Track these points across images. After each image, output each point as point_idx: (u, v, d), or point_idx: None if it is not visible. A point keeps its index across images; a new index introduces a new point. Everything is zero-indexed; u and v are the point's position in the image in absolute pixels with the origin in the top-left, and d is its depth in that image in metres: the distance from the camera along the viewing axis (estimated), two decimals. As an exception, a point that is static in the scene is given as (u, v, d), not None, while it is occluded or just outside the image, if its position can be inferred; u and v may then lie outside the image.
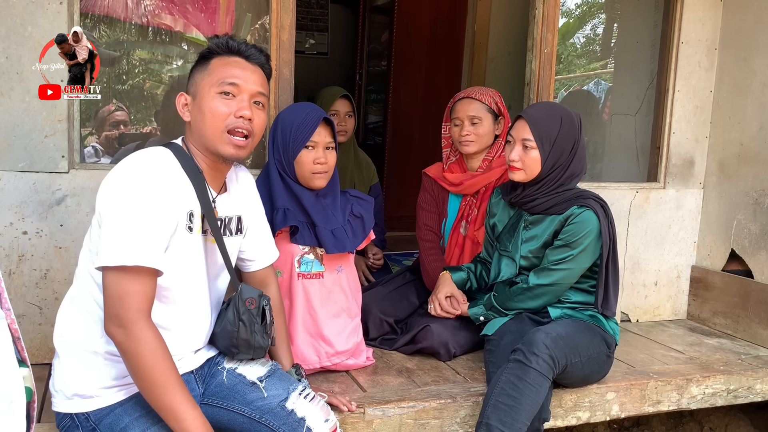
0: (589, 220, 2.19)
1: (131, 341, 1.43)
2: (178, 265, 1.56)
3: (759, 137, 2.96)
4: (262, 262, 1.88)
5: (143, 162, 1.53)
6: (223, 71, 1.61)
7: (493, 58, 4.85)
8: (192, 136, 1.65)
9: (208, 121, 1.60)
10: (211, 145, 1.62)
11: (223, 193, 1.73)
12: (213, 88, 1.60)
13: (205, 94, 1.61)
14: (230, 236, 1.75)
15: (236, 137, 1.61)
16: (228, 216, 1.74)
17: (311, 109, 2.15)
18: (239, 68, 1.63)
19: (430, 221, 2.74)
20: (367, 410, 1.99)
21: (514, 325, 2.27)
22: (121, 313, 1.43)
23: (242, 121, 1.61)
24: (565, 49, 4.16)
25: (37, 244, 2.24)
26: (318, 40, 6.24)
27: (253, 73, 1.65)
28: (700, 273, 3.22)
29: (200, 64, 1.66)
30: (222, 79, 1.60)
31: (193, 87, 1.64)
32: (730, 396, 2.55)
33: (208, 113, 1.60)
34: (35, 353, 2.27)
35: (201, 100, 1.61)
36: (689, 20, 3.11)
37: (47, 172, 2.23)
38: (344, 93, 3.13)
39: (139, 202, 1.46)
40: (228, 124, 1.60)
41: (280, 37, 2.48)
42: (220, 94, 1.60)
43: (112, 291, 1.44)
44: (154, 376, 1.44)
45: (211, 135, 1.60)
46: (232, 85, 1.61)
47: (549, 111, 2.26)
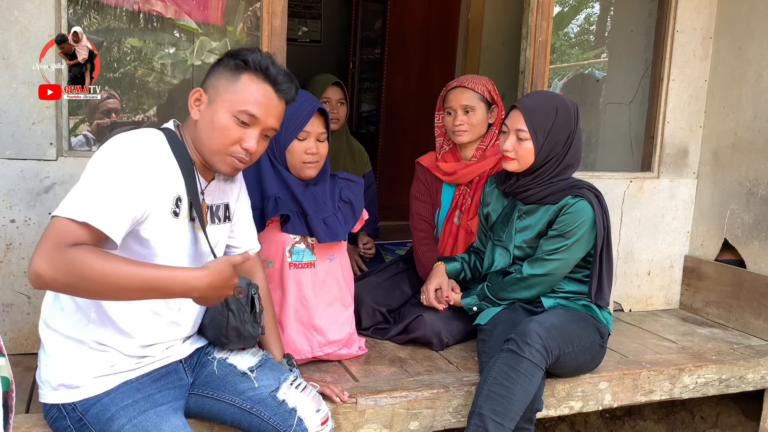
0: (584, 210, 2.17)
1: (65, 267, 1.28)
2: (164, 250, 1.54)
3: (753, 127, 2.95)
4: (247, 249, 1.86)
5: (133, 138, 1.50)
6: (248, 96, 1.55)
7: (487, 47, 4.83)
8: (193, 132, 1.61)
9: (216, 137, 1.56)
10: (209, 158, 1.59)
11: (211, 180, 1.70)
12: (233, 107, 1.55)
13: (222, 107, 1.56)
14: (218, 224, 1.72)
15: (236, 161, 1.59)
16: (216, 204, 1.72)
17: (305, 99, 2.12)
18: (266, 99, 1.57)
19: (424, 211, 2.72)
20: (360, 400, 1.99)
21: (507, 315, 2.26)
22: (48, 245, 1.29)
23: (245, 153, 1.58)
24: (558, 39, 4.14)
25: (26, 232, 2.21)
26: (311, 28, 6.19)
27: (276, 107, 1.60)
28: (693, 263, 3.23)
29: (229, 69, 1.58)
30: (244, 106, 1.55)
31: (213, 89, 1.58)
32: (722, 385, 2.55)
33: (218, 130, 1.56)
34: (24, 343, 2.25)
35: (216, 111, 1.56)
36: (684, 9, 3.10)
37: (35, 160, 2.20)
38: (336, 80, 3.11)
39: (115, 170, 1.41)
40: (232, 151, 1.57)
41: (272, 23, 2.45)
42: (236, 117, 1.56)
43: (48, 232, 1.31)
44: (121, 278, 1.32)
45: (213, 149, 1.58)
46: (252, 116, 1.56)
47: (544, 101, 2.24)
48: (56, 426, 1.57)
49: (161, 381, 1.62)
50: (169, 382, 1.64)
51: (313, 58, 6.06)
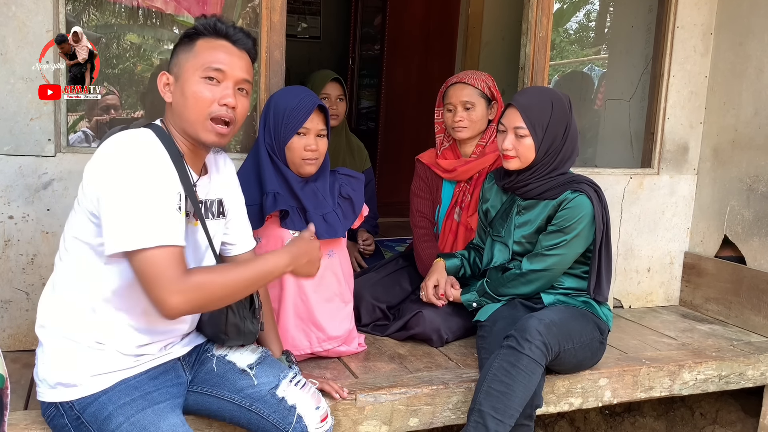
0: (583, 205, 2.17)
1: (195, 293, 1.42)
2: None
3: (753, 123, 2.95)
4: (243, 246, 1.84)
5: (134, 142, 1.48)
6: (208, 55, 1.56)
7: (487, 43, 4.82)
8: (172, 118, 1.60)
9: (191, 105, 1.55)
10: (192, 131, 1.57)
11: (203, 175, 1.69)
12: (197, 71, 1.55)
13: (189, 77, 1.55)
14: (213, 219, 1.71)
15: (218, 125, 1.57)
16: (209, 199, 1.71)
17: (305, 95, 2.11)
18: (226, 53, 1.58)
19: (424, 208, 2.72)
20: (359, 397, 1.98)
21: (506, 311, 2.26)
22: (163, 281, 1.40)
23: (225, 110, 1.56)
24: (558, 35, 4.14)
25: (24, 228, 2.21)
26: (310, 24, 6.18)
27: (239, 59, 1.60)
28: (693, 259, 3.22)
29: (184, 44, 1.60)
30: (207, 64, 1.55)
31: (176, 67, 1.59)
32: (722, 382, 2.55)
33: (191, 98, 1.55)
34: (22, 340, 2.24)
35: (184, 83, 1.56)
36: (685, 4, 3.09)
37: (33, 156, 2.19)
38: (335, 76, 3.10)
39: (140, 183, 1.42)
40: (211, 112, 1.56)
41: (271, 19, 2.44)
42: (205, 78, 1.55)
43: (146, 270, 1.40)
44: (237, 283, 1.51)
45: (194, 120, 1.56)
46: (218, 71, 1.55)
47: (539, 96, 2.23)
48: (54, 424, 1.56)
49: (159, 379, 1.61)
50: (167, 380, 1.63)
51: (312, 54, 6.06)
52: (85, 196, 1.48)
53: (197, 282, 1.43)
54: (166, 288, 1.39)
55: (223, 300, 1.53)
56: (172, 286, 1.39)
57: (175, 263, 1.41)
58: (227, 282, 1.49)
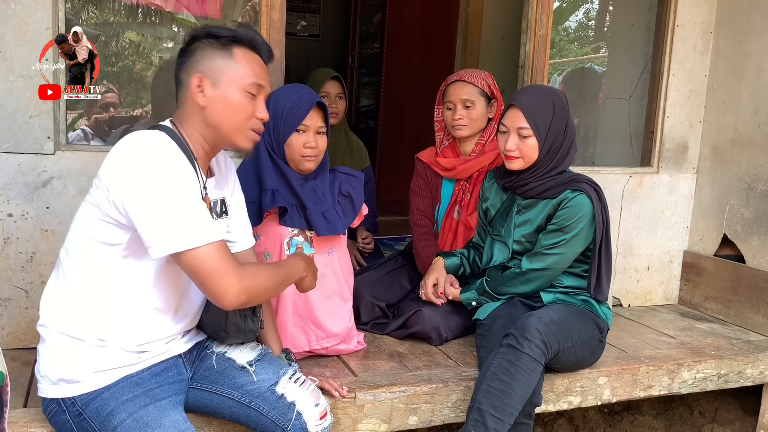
0: (583, 204, 2.17)
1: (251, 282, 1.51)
2: None
3: (753, 122, 2.95)
4: (243, 244, 1.84)
5: (158, 144, 1.48)
6: (250, 68, 1.59)
7: (486, 41, 4.81)
8: (194, 120, 1.59)
9: (234, 115, 1.58)
10: (227, 136, 1.60)
11: (209, 177, 1.70)
12: (239, 82, 1.57)
13: (230, 85, 1.57)
14: (216, 219, 1.72)
15: (254, 133, 1.63)
16: (214, 199, 1.71)
17: (304, 92, 2.11)
18: (261, 68, 1.63)
19: (424, 206, 2.72)
20: (358, 395, 1.98)
21: (506, 310, 2.26)
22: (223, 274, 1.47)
23: (260, 123, 1.63)
24: (558, 34, 4.13)
25: (23, 226, 2.21)
26: (310, 22, 6.17)
27: (267, 73, 1.66)
28: (692, 258, 3.22)
29: (217, 48, 1.58)
30: (251, 79, 1.59)
31: (213, 72, 1.57)
32: (721, 380, 2.55)
33: (237, 109, 1.58)
34: (22, 337, 2.24)
35: (227, 92, 1.57)
36: (685, 3, 3.08)
37: (33, 154, 2.19)
38: (335, 74, 3.10)
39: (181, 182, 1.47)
40: (252, 124, 1.62)
41: (271, 17, 2.44)
42: (248, 92, 1.59)
43: (203, 267, 1.46)
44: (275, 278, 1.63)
45: (235, 128, 1.60)
46: (260, 86, 1.61)
47: (541, 96, 2.23)
48: (55, 420, 1.56)
49: (161, 376, 1.61)
50: (169, 377, 1.63)
51: (311, 52, 6.05)
52: (105, 199, 1.47)
53: (251, 272, 1.53)
54: (226, 279, 1.46)
55: (268, 293, 1.65)
56: (231, 277, 1.47)
57: (229, 256, 1.49)
58: (270, 276, 1.60)
